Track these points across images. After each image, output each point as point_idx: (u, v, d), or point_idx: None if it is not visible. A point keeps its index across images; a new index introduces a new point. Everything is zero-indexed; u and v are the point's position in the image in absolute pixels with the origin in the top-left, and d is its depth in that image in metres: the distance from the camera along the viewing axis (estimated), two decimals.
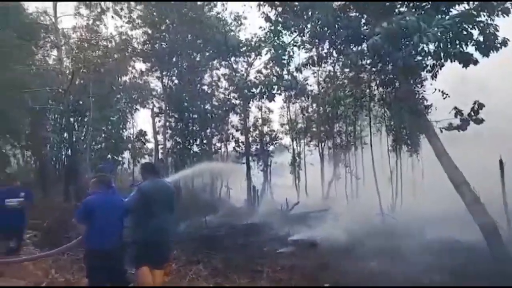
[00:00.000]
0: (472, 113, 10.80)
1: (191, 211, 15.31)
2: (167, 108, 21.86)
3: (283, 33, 12.68)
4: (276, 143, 23.87)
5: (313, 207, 17.13)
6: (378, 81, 12.40)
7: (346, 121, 19.25)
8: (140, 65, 22.06)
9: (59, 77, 18.77)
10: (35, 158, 21.64)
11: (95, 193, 5.17)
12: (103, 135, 21.68)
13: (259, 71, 20.79)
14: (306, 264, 9.07)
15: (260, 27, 17.60)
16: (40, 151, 19.92)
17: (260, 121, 23.51)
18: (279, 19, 12.10)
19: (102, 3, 19.41)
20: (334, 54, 12.58)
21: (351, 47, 11.09)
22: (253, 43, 19.41)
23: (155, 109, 22.71)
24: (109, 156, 21.03)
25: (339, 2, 11.26)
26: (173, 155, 22.19)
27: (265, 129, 23.65)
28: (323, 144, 21.52)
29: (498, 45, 9.48)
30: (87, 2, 19.40)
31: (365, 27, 10.93)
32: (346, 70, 15.34)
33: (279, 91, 12.07)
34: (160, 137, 22.16)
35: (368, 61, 11.96)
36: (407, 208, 15.79)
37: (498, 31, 9.37)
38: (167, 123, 21.91)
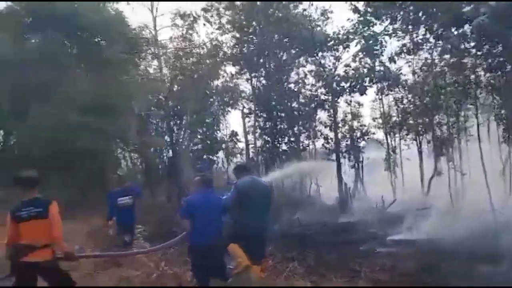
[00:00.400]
0: None
1: (283, 209, 15.42)
2: (256, 108, 22.35)
3: (373, 22, 12.11)
4: (367, 138, 22.81)
5: (412, 205, 15.95)
6: (484, 66, 11.06)
7: (447, 112, 17.50)
8: (230, 69, 22.92)
9: (159, 85, 20.42)
10: (141, 161, 23.86)
11: (196, 192, 5.46)
12: (199, 136, 23.03)
13: (347, 65, 20.06)
14: (408, 265, 8.50)
15: (348, 19, 16.96)
16: (145, 154, 21.89)
17: (349, 116, 22.68)
18: (369, 9, 11.57)
19: (194, 12, 20.54)
20: (431, 39, 11.66)
21: (452, 30, 10.14)
22: (340, 36, 18.78)
23: (245, 110, 23.40)
24: (205, 156, 22.25)
25: None
26: (263, 154, 22.61)
27: (355, 124, 22.75)
28: (421, 137, 19.93)
29: None
30: (180, 12, 20.68)
31: (467, 8, 9.88)
32: (446, 56, 13.95)
33: (370, 83, 11.52)
34: (250, 137, 22.77)
35: (472, 44, 10.83)
36: None
37: None
38: (257, 123, 22.40)
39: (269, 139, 22.34)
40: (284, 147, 22.60)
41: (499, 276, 7.69)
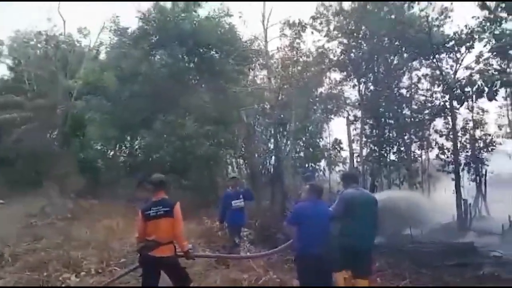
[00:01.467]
0: None
1: (393, 223, 14.47)
2: (363, 115, 21.53)
3: (505, 19, 10.68)
4: (492, 149, 20.20)
5: None
6: None
7: None
8: (335, 75, 22.51)
9: (266, 95, 21.04)
10: (246, 166, 24.82)
11: (306, 200, 5.46)
12: (301, 144, 23.06)
13: (468, 67, 18.10)
14: None
15: (473, 17, 15.28)
16: (251, 160, 22.73)
17: (471, 123, 20.37)
18: (501, 4, 10.21)
19: (302, 20, 20.66)
20: None
21: None
22: (463, 36, 17.01)
23: (350, 117, 22.70)
24: (307, 164, 22.16)
25: None
26: (368, 163, 21.62)
27: (478, 132, 20.33)
28: None
29: None
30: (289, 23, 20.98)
31: None
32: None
33: (502, 87, 10.13)
34: (355, 145, 22.00)
35: None
36: None
37: None
38: (363, 131, 21.54)
39: (375, 147, 21.31)
40: (392, 156, 21.33)
41: None
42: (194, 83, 19.55)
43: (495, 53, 10.56)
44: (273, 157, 22.62)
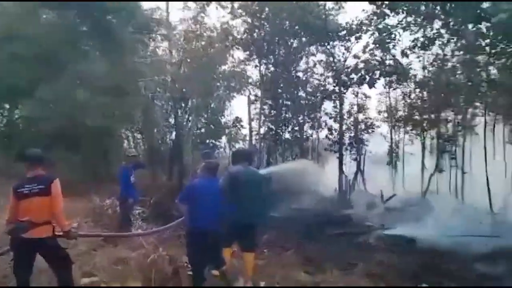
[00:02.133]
0: None
1: (281, 198, 15.45)
2: (263, 95, 22.24)
3: (389, 15, 11.88)
4: (372, 131, 22.73)
5: (411, 201, 15.99)
6: (498, 65, 10.87)
7: (454, 109, 17.37)
8: (239, 54, 22.69)
9: (167, 67, 20.27)
10: (144, 141, 23.88)
11: (200, 178, 5.46)
12: (203, 120, 22.99)
13: (356, 56, 19.85)
14: (403, 261, 8.51)
15: (363, 10, 16.70)
16: (149, 135, 21.92)
17: (355, 108, 22.55)
18: (386, 1, 11.33)
19: None
20: (445, 35, 11.45)
21: (469, 26, 9.93)
22: (354, 26, 18.50)
23: (251, 97, 23.27)
24: (208, 140, 22.24)
25: None
26: (266, 141, 22.63)
27: (361, 116, 22.64)
28: (425, 133, 19.83)
29: None
30: None
31: (487, 5, 9.66)
32: (459, 52, 13.72)
33: (380, 77, 11.36)
34: (254, 124, 22.72)
35: (487, 41, 10.62)
36: None
37: None
38: (262, 110, 22.33)
39: (273, 126, 22.32)
40: (287, 135, 22.64)
41: (496, 276, 7.73)
42: (87, 49, 17.78)
43: (377, 45, 11.73)
44: (173, 133, 22.17)
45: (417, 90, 18.85)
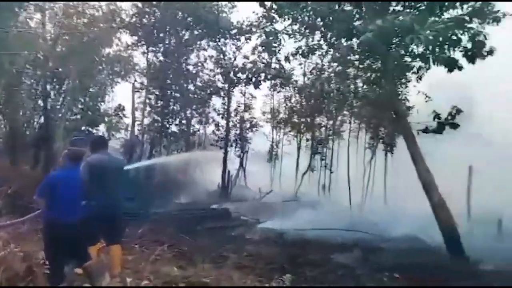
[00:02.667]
0: (449, 118, 10.95)
1: (162, 191, 15.10)
2: (149, 84, 21.32)
3: (276, 20, 12.48)
4: (255, 130, 23.78)
5: (285, 197, 17.22)
6: (364, 78, 12.32)
7: (326, 115, 19.29)
8: (126, 38, 21.32)
9: (40, 42, 17.94)
10: (5, 122, 20.80)
11: (61, 168, 4.94)
12: (80, 105, 21.03)
13: (246, 57, 20.49)
14: (273, 253, 9.04)
15: (254, 12, 17.34)
16: (12, 116, 19.15)
17: (242, 106, 23.29)
18: (274, 5, 11.85)
19: None
20: (324, 46, 12.50)
21: (342, 41, 11.01)
22: (244, 26, 19.04)
23: (136, 84, 22.13)
24: (83, 127, 20.44)
25: None
26: (150, 133, 21.80)
27: (247, 115, 23.48)
28: (302, 135, 21.54)
29: (485, 53, 9.59)
30: None
31: (358, 23, 10.83)
32: (334, 64, 15.22)
33: (265, 79, 11.87)
34: (138, 113, 21.67)
35: (357, 57, 11.92)
36: (377, 205, 16.09)
37: (487, 39, 9.45)
38: (147, 100, 21.41)
39: (158, 118, 21.62)
40: (174, 128, 22.19)
41: (350, 265, 8.72)
42: None
43: (264, 47, 12.26)
44: (42, 116, 19.74)
45: (297, 95, 20.31)
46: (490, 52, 9.64)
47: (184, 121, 22.39)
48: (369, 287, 7.52)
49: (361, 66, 12.65)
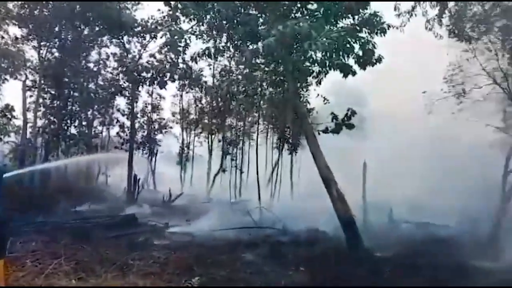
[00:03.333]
0: (346, 119, 11.93)
1: (61, 199, 13.85)
2: (42, 82, 19.34)
3: (182, 19, 12.26)
4: (165, 132, 23.15)
5: (197, 199, 17.06)
6: (269, 81, 12.77)
7: (237, 116, 19.60)
8: (14, 30, 19.00)
9: None
10: None
11: None
12: None
13: (152, 55, 19.76)
14: (181, 256, 8.87)
15: (159, 10, 16.84)
16: None
17: (149, 107, 22.48)
18: (179, 4, 11.62)
19: None
20: (231, 49, 12.65)
21: (247, 44, 11.24)
22: (149, 24, 18.34)
23: (28, 82, 19.89)
24: None
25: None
26: (45, 135, 19.80)
27: (154, 116, 22.73)
28: (213, 136, 21.54)
29: (374, 61, 10.63)
30: None
31: (262, 27, 11.16)
32: (241, 66, 15.51)
33: (171, 79, 11.59)
34: (30, 114, 19.50)
35: (262, 60, 12.28)
36: (284, 202, 16.81)
37: (375, 48, 10.50)
38: (40, 99, 19.39)
39: (55, 119, 19.73)
40: (73, 130, 20.47)
41: (258, 262, 8.96)
42: None
43: (168, 46, 11.95)
44: None
45: (207, 96, 20.29)
46: (379, 59, 10.71)
47: (84, 123, 20.80)
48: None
49: (266, 69, 13.09)
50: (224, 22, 11.36)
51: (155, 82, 10.91)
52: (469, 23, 12.48)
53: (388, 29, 10.67)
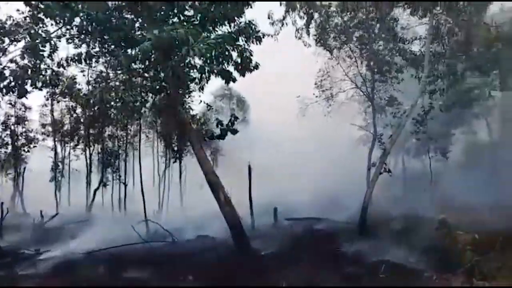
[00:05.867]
0: (230, 124, 12.21)
1: None
2: None
3: (46, 21, 11.05)
4: (33, 146, 20.51)
5: (74, 218, 15.47)
6: (150, 87, 12.32)
7: (118, 125, 18.32)
8: None
9: None
10: None
11: None
12: None
13: (13, 61, 17.35)
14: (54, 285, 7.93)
15: (18, 10, 14.78)
16: None
17: (12, 119, 19.66)
18: (41, 4, 10.42)
19: None
20: (106, 54, 11.88)
21: (122, 49, 10.66)
22: (7, 26, 15.96)
23: None
24: None
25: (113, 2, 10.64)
26: None
27: (20, 129, 19.96)
28: (91, 148, 19.78)
29: (252, 68, 11.08)
30: None
31: (138, 32, 10.72)
32: (119, 72, 14.61)
33: (34, 86, 10.32)
34: None
35: (142, 66, 11.80)
36: (173, 212, 16.41)
37: (252, 56, 10.96)
38: None
39: None
40: None
41: (143, 278, 8.54)
42: None
43: (28, 51, 10.63)
44: None
45: (78, 104, 18.58)
46: (256, 66, 11.22)
47: None
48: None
49: (146, 75, 12.62)
50: (96, 26, 10.61)
51: (14, 90, 9.57)
52: (332, 33, 13.91)
53: (263, 37, 11.25)
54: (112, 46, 11.00)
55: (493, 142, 22.52)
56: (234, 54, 10.87)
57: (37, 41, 9.80)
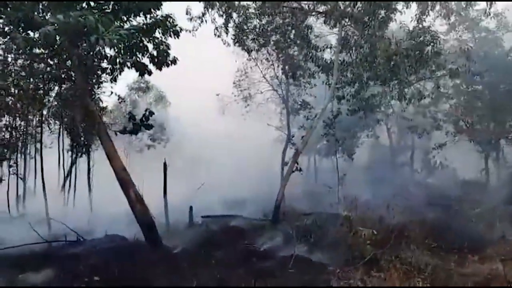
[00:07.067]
0: (144, 119, 11.83)
1: None
2: None
3: None
4: None
5: None
6: (54, 76, 11.39)
7: (16, 115, 16.47)
8: None
9: None
10: None
11: None
12: None
13: None
14: None
15: None
16: None
17: None
18: None
19: None
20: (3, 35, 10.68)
21: (23, 32, 9.67)
22: None
23: None
24: None
25: None
26: None
27: None
28: None
29: (170, 62, 10.80)
30: None
31: (40, 14, 9.79)
32: (19, 57, 13.20)
33: None
34: None
35: (46, 52, 10.84)
36: (80, 209, 15.44)
37: (170, 49, 10.67)
38: None
39: None
40: None
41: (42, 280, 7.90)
42: None
43: None
44: None
45: None
46: (174, 61, 10.95)
47: None
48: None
49: (50, 62, 11.66)
50: None
51: None
52: (250, 35, 14.18)
53: (181, 31, 11.02)
54: (10, 27, 9.92)
55: (392, 146, 25.12)
56: (150, 46, 10.53)
57: None
